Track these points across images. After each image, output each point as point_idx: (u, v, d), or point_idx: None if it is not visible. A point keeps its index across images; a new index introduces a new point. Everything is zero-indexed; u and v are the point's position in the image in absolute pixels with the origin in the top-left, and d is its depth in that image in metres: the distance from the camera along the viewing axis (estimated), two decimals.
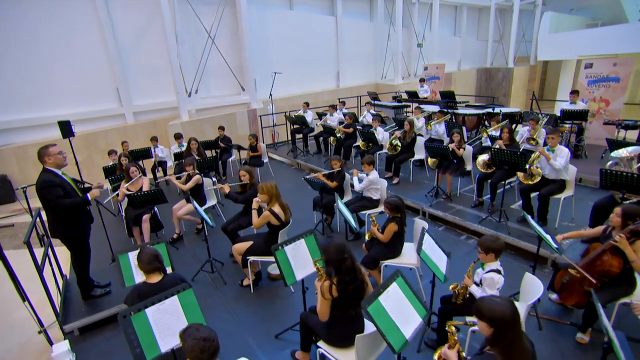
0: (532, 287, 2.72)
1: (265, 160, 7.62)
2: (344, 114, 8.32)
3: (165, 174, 7.90)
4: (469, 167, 5.89)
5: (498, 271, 2.78)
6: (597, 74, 7.60)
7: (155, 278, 2.62)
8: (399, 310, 2.23)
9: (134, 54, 9.50)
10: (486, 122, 8.16)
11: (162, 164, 7.68)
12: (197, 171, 5.29)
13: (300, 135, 9.20)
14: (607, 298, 2.92)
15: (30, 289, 4.78)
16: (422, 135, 6.95)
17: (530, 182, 4.83)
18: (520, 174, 4.92)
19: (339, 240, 2.50)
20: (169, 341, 2.23)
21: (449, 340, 2.10)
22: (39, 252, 5.19)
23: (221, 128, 7.95)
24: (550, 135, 4.63)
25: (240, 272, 4.38)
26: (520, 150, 5.06)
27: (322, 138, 8.78)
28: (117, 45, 9.09)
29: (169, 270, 3.15)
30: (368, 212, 4.87)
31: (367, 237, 4.01)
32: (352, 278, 2.44)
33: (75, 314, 3.63)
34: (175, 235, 5.28)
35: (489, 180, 5.31)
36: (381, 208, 4.92)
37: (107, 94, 9.41)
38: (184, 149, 7.29)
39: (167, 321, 2.28)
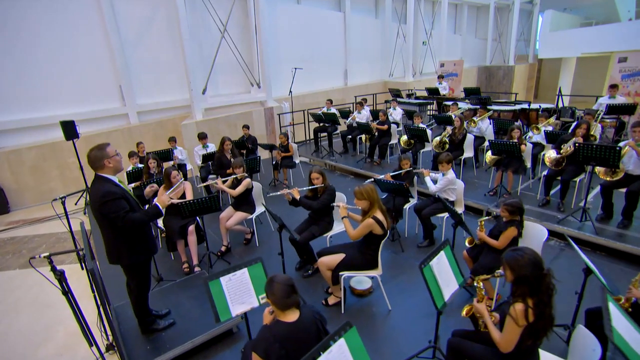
0: None
1: (297, 161, 7.05)
2: (376, 111, 7.89)
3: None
4: (528, 163, 5.57)
5: None
6: (632, 67, 7.52)
7: (293, 315, 2.00)
8: (635, 340, 1.77)
9: (138, 49, 8.68)
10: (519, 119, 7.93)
11: (181, 167, 6.94)
12: (246, 174, 4.67)
13: (324, 134, 8.69)
14: None
15: (60, 318, 4.06)
16: None
17: (612, 179, 4.53)
18: (600, 170, 4.61)
19: (531, 252, 2.02)
20: None
21: None
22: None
23: (246, 127, 7.31)
24: (637, 129, 4.35)
25: (316, 289, 3.85)
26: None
27: (350, 137, 8.30)
28: (120, 39, 8.25)
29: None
30: (446, 215, 4.45)
31: (467, 244, 3.57)
32: (549, 298, 1.98)
33: (140, 354, 2.93)
34: (223, 248, 4.64)
35: (559, 178, 5.00)
36: (459, 210, 4.50)
37: (108, 92, 8.54)
38: (209, 149, 6.64)
39: None
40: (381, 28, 13.73)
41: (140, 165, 5.91)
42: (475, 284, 2.38)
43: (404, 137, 6.80)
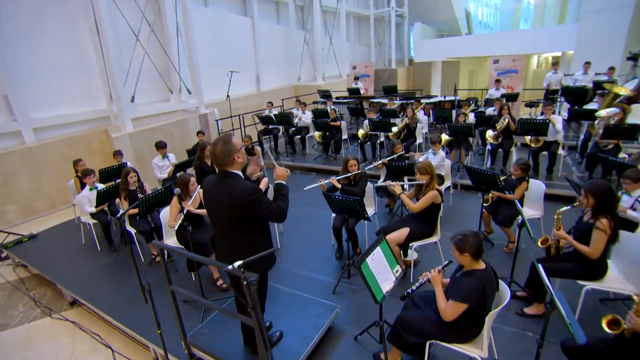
0: None
1: (262, 163, 6.89)
2: (323, 110, 8.29)
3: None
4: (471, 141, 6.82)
5: None
6: (502, 67, 9.85)
7: (482, 263, 2.31)
8: None
9: (26, 49, 7.00)
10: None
11: None
12: (263, 173, 4.47)
13: (269, 136, 8.68)
14: None
15: None
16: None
17: (536, 145, 6.02)
18: (527, 139, 6.06)
19: (603, 181, 2.74)
20: None
21: None
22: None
23: (201, 133, 6.81)
24: (547, 107, 5.92)
25: None
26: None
27: (299, 136, 8.48)
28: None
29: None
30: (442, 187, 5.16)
31: (483, 203, 4.30)
32: (617, 213, 2.73)
33: None
34: None
35: (500, 149, 6.35)
36: (448, 184, 5.29)
37: None
38: (171, 160, 5.94)
39: None
40: (285, 34, 14.18)
41: (100, 185, 4.91)
42: (555, 216, 3.03)
43: (361, 131, 7.40)
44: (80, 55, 7.66)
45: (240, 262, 1.86)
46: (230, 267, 1.85)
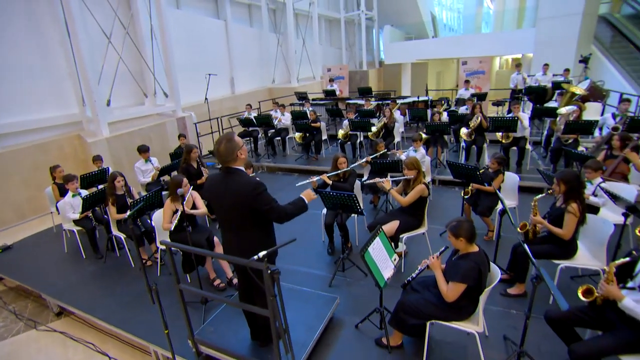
0: None
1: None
2: (301, 112, 8.42)
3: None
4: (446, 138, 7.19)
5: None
6: (470, 68, 10.42)
7: (476, 247, 2.52)
8: None
9: None
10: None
11: None
12: (255, 174, 4.54)
13: (249, 138, 8.71)
14: None
15: None
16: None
17: (506, 141, 6.47)
18: (498, 135, 6.49)
19: (571, 170, 3.06)
20: None
21: None
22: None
23: (182, 136, 6.73)
24: (515, 106, 6.38)
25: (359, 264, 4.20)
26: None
27: (279, 138, 8.57)
28: None
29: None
30: None
31: (463, 195, 4.60)
32: (583, 198, 3.07)
33: None
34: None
35: (474, 145, 6.75)
36: (428, 179, 5.57)
37: None
38: (154, 164, 5.87)
39: None
40: (258, 37, 14.21)
41: (83, 191, 4.79)
42: (532, 203, 3.33)
43: (341, 131, 7.60)
44: (48, 57, 7.35)
45: (264, 252, 1.96)
46: (255, 257, 1.95)
